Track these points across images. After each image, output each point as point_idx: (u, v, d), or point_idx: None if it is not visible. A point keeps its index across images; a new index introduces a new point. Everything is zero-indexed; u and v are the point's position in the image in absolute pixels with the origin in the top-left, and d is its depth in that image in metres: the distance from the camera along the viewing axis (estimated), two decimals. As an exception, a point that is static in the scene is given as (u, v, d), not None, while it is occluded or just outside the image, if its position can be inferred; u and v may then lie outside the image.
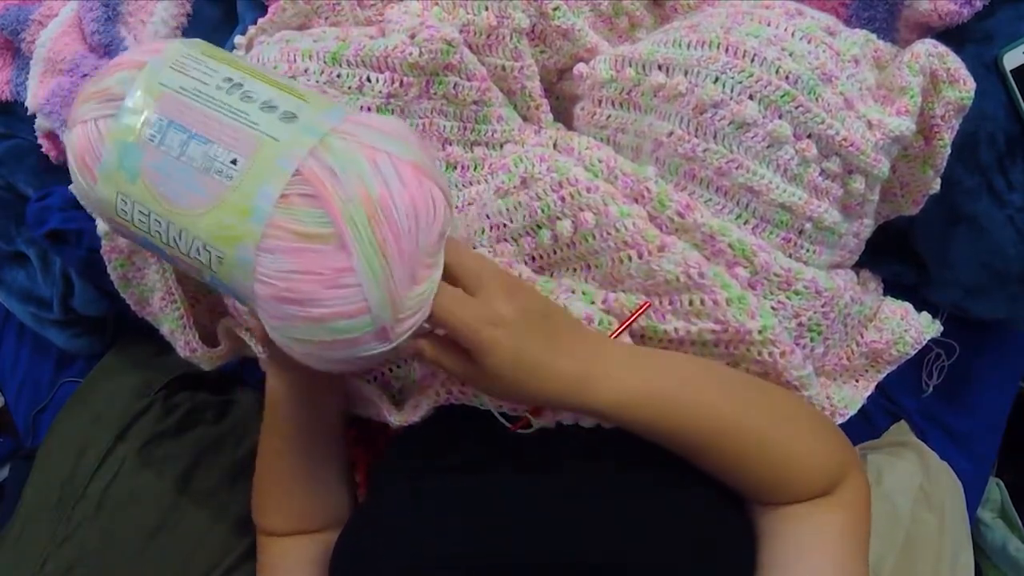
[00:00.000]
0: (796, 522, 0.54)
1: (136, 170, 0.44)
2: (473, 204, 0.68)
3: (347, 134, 0.44)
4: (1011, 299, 0.73)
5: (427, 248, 0.45)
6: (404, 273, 0.44)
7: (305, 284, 0.43)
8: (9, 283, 0.91)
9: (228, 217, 0.43)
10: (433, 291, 0.46)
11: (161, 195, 0.44)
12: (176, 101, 0.44)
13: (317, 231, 0.42)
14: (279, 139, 0.43)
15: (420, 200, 0.44)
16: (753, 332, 0.57)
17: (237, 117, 0.44)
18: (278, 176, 0.42)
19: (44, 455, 0.81)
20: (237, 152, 0.43)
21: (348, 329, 0.44)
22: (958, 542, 0.77)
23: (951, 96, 0.61)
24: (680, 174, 0.61)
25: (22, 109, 0.85)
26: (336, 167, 0.43)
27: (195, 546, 0.73)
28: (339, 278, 0.42)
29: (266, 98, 0.45)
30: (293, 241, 0.42)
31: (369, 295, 0.43)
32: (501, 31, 0.66)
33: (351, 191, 0.42)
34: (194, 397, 0.85)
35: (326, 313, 0.43)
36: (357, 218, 0.42)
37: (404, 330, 0.45)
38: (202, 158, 0.43)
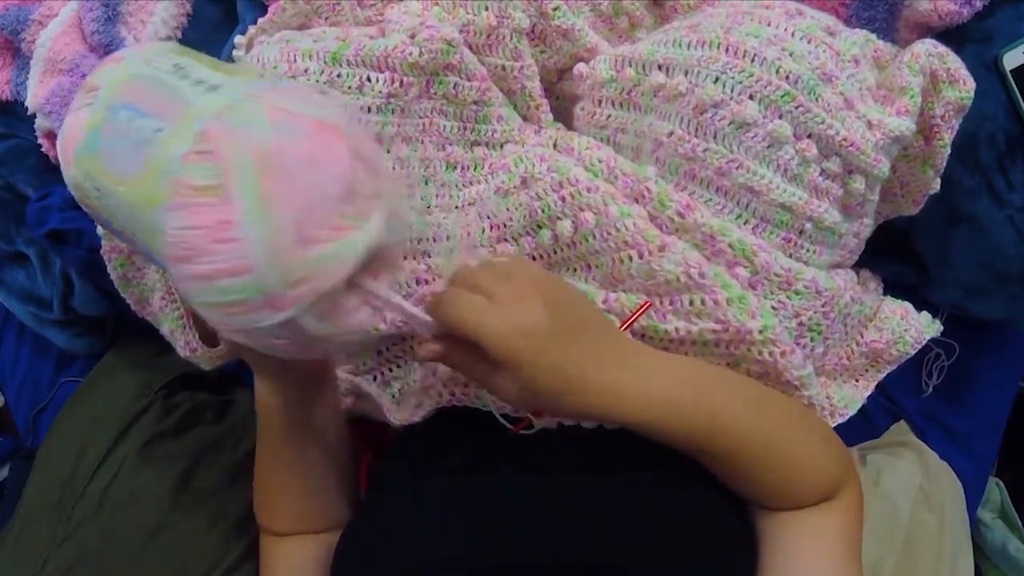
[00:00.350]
0: (796, 525, 0.55)
1: (95, 149, 0.46)
2: (473, 204, 0.68)
3: (257, 97, 0.44)
4: (1011, 299, 0.73)
5: (325, 208, 0.42)
6: (291, 229, 0.41)
7: (194, 239, 0.41)
8: (9, 283, 0.91)
9: (148, 182, 0.43)
10: (336, 257, 0.42)
11: (109, 169, 0.45)
12: (132, 87, 0.47)
13: (207, 183, 0.41)
14: (197, 105, 0.44)
15: (319, 154, 0.42)
16: (754, 332, 0.57)
17: (171, 93, 0.45)
18: (186, 137, 0.42)
19: (44, 455, 0.81)
20: (163, 121, 0.44)
21: (233, 289, 0.41)
22: (958, 542, 0.77)
23: (951, 96, 0.61)
24: (680, 174, 0.61)
25: (22, 109, 0.85)
26: (235, 124, 0.42)
27: (195, 546, 0.73)
28: (222, 231, 0.40)
29: (200, 76, 0.46)
30: (187, 196, 0.41)
31: (251, 250, 0.40)
32: (501, 31, 0.66)
33: (242, 143, 0.41)
34: (194, 397, 0.85)
35: (210, 270, 0.41)
36: (243, 168, 0.41)
37: (296, 298, 0.41)
38: (138, 131, 0.44)
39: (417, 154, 0.67)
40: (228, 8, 0.84)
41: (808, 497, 0.55)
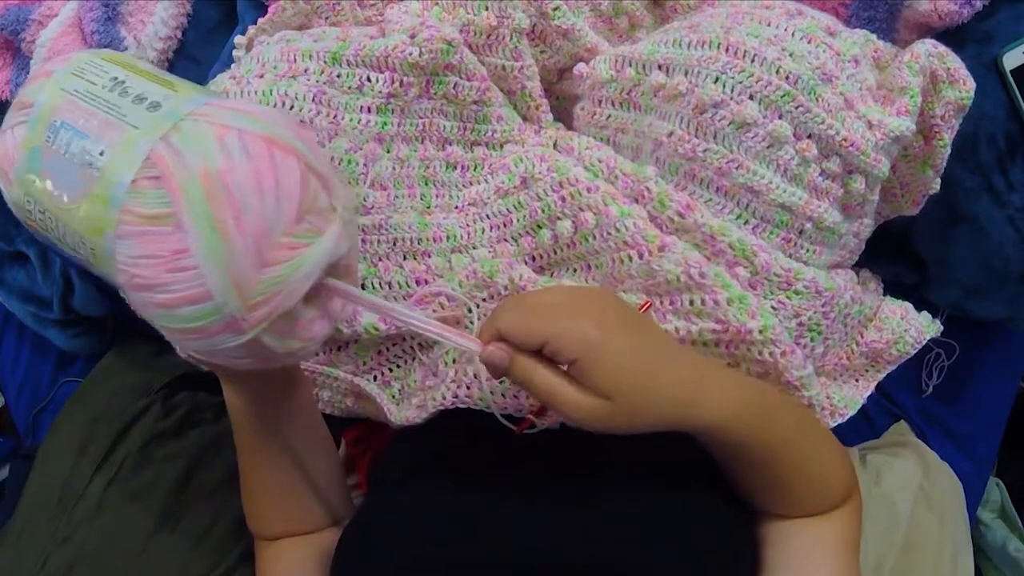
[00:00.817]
0: (802, 530, 0.55)
1: (38, 171, 0.44)
2: (474, 204, 0.68)
3: (202, 116, 0.43)
4: (1011, 299, 0.73)
5: (280, 226, 0.41)
6: (249, 253, 0.40)
7: (149, 269, 0.41)
8: (9, 283, 0.91)
9: (95, 209, 0.42)
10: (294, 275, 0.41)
11: (52, 192, 0.44)
12: (70, 103, 0.45)
13: (158, 212, 0.40)
14: (139, 127, 0.42)
15: (267, 172, 0.41)
16: (754, 332, 0.57)
17: (111, 111, 0.44)
18: (132, 162, 0.41)
19: (44, 455, 0.81)
20: (105, 144, 0.42)
21: (195, 317, 0.41)
22: (958, 542, 0.77)
23: (951, 96, 0.61)
24: (680, 174, 0.61)
25: (22, 109, 0.85)
26: (181, 147, 0.41)
27: (195, 546, 0.73)
28: (178, 260, 0.40)
29: (140, 91, 0.44)
30: (138, 225, 0.41)
31: (208, 276, 0.40)
32: (501, 31, 0.66)
33: (191, 168, 0.40)
34: (194, 397, 0.85)
35: (170, 299, 0.41)
36: (194, 194, 0.40)
37: (257, 320, 0.41)
38: (80, 153, 0.43)
39: (417, 154, 0.67)
40: (228, 8, 0.84)
41: (822, 507, 0.55)
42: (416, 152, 0.67)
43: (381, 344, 0.68)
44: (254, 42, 0.73)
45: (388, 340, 0.67)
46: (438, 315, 0.64)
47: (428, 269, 0.66)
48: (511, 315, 0.47)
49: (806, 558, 0.54)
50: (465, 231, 0.67)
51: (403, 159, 0.66)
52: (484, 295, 0.64)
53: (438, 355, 0.65)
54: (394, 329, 0.64)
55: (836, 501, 0.56)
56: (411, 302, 0.64)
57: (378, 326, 0.63)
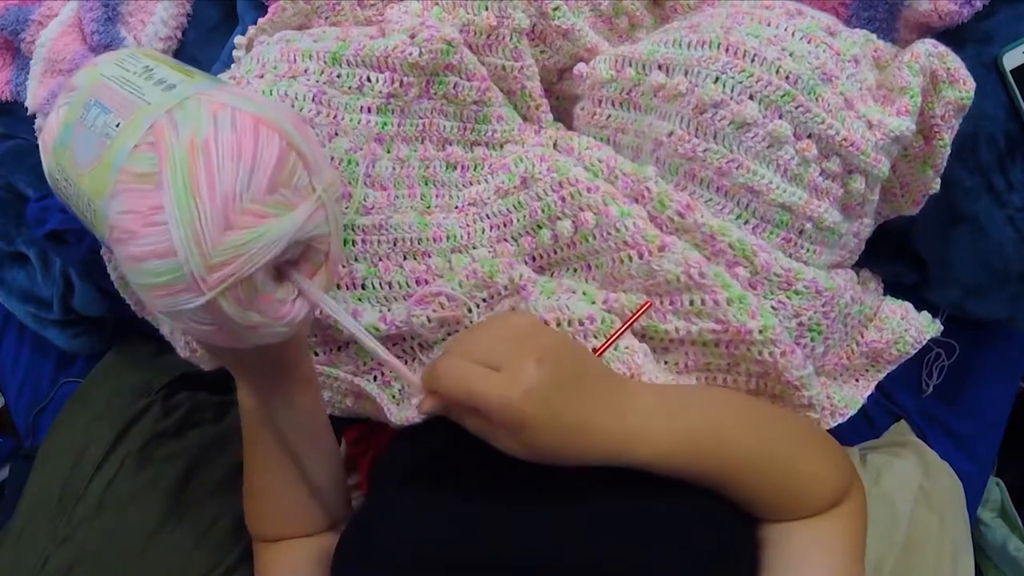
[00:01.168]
0: (800, 532, 0.55)
1: (68, 143, 0.49)
2: (474, 204, 0.68)
3: (206, 95, 0.46)
4: (1011, 299, 0.73)
5: (250, 193, 0.43)
6: (216, 216, 0.42)
7: (128, 222, 0.43)
8: (9, 283, 0.91)
9: (101, 172, 0.46)
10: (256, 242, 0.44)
11: (76, 162, 0.48)
12: (104, 86, 0.50)
13: (145, 170, 0.43)
14: (151, 103, 0.46)
15: (248, 144, 0.44)
16: (754, 332, 0.57)
17: (134, 92, 0.48)
18: (137, 131, 0.45)
19: (44, 455, 0.81)
20: (121, 117, 0.46)
21: (159, 272, 0.43)
22: (958, 542, 0.77)
23: (951, 96, 0.61)
24: (680, 174, 0.61)
25: (22, 109, 0.85)
26: (180, 119, 0.44)
27: (195, 546, 0.74)
28: (152, 215, 0.43)
29: (161, 76, 0.49)
30: (127, 183, 0.44)
31: (175, 233, 0.42)
32: (501, 31, 0.66)
33: (182, 136, 0.43)
34: (194, 397, 0.85)
35: (140, 252, 0.43)
36: (177, 157, 0.43)
37: (216, 281, 0.43)
38: (102, 126, 0.47)
39: (417, 154, 0.67)
40: (228, 8, 0.84)
41: (814, 509, 0.55)
42: (416, 152, 0.67)
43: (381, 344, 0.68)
44: (254, 42, 0.73)
45: (388, 340, 0.67)
46: (438, 315, 0.64)
47: (428, 269, 0.66)
48: (447, 368, 0.49)
49: (803, 559, 0.53)
50: (465, 231, 0.67)
51: (403, 159, 0.66)
52: (484, 295, 0.64)
53: (438, 355, 0.65)
54: (394, 329, 0.64)
55: (826, 504, 0.55)
56: (411, 302, 0.64)
57: (378, 325, 0.63)
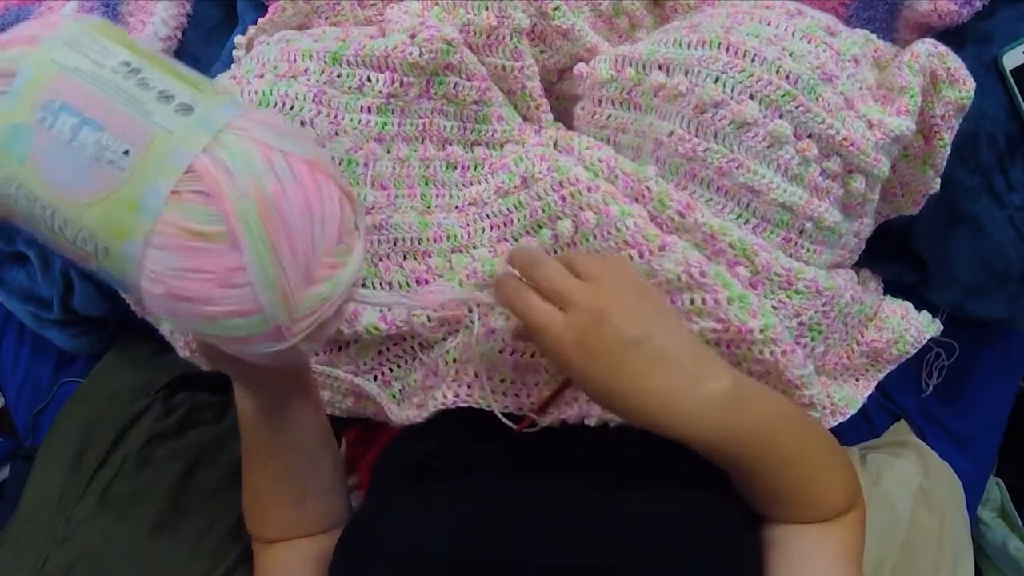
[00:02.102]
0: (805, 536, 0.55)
1: (24, 153, 0.42)
2: (474, 204, 0.68)
3: (241, 130, 0.43)
4: (1011, 299, 0.73)
5: (325, 247, 0.44)
6: (298, 272, 0.43)
7: (196, 283, 0.41)
8: (9, 283, 0.90)
9: (117, 210, 0.41)
10: (335, 292, 0.45)
11: (48, 181, 0.42)
12: (70, 82, 0.42)
13: (209, 229, 0.41)
14: (173, 131, 0.42)
15: (315, 198, 0.43)
16: (754, 331, 0.57)
17: (131, 105, 0.42)
18: (170, 171, 0.41)
19: (44, 455, 0.81)
20: (130, 143, 0.41)
21: (242, 328, 0.43)
22: (958, 542, 0.77)
23: (951, 96, 0.61)
24: (681, 174, 0.61)
25: (22, 109, 0.84)
26: (230, 164, 0.42)
27: (195, 546, 0.73)
28: (231, 277, 0.41)
29: (163, 87, 0.43)
30: (184, 239, 0.41)
31: (261, 295, 0.42)
32: (501, 31, 0.66)
33: (244, 189, 0.41)
34: (194, 397, 0.85)
35: (218, 312, 0.42)
36: (250, 216, 0.41)
37: (300, 330, 0.44)
38: (94, 146, 0.41)
39: (417, 154, 0.67)
40: (228, 8, 0.84)
41: (826, 514, 0.55)
42: (416, 152, 0.67)
43: (382, 344, 0.68)
44: (254, 42, 0.73)
45: (389, 340, 0.67)
46: (438, 315, 0.64)
47: (428, 269, 0.66)
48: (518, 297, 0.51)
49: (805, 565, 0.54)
50: (465, 231, 0.67)
51: (403, 159, 0.66)
52: (484, 295, 0.64)
53: (438, 354, 0.65)
54: (394, 329, 0.64)
55: (837, 510, 0.56)
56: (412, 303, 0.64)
57: (379, 326, 0.63)
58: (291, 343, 0.44)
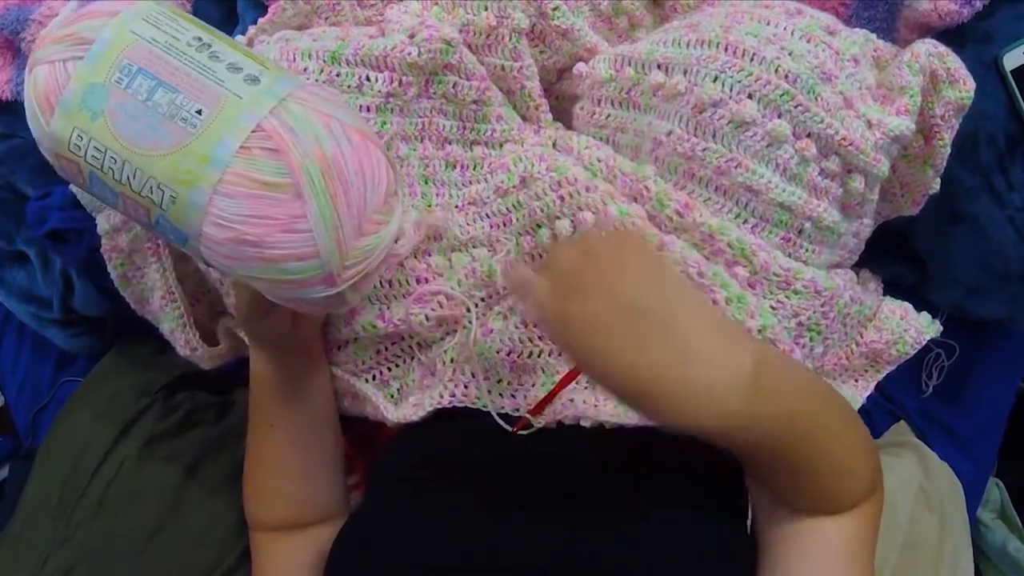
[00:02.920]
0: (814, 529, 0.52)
1: (99, 110, 0.48)
2: (473, 203, 0.68)
3: (303, 100, 0.49)
4: (1011, 299, 0.73)
5: (373, 205, 0.50)
6: (352, 224, 0.49)
7: (261, 228, 0.47)
8: (9, 283, 0.90)
9: (188, 161, 0.47)
10: (379, 245, 0.51)
11: (122, 135, 0.48)
12: (146, 50, 0.48)
13: (275, 180, 0.47)
14: (243, 97, 0.48)
15: (367, 162, 0.50)
16: (752, 331, 0.57)
17: (204, 73, 0.48)
18: (241, 129, 0.47)
19: (44, 455, 0.81)
20: (203, 104, 0.47)
21: (298, 271, 0.49)
22: (958, 543, 0.77)
23: (951, 96, 0.61)
24: (679, 173, 0.61)
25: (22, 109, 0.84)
26: (294, 126, 0.48)
27: (195, 546, 0.73)
28: (293, 224, 0.47)
29: (232, 60, 0.50)
30: (252, 188, 0.47)
31: (319, 241, 0.48)
32: (500, 31, 0.66)
33: (308, 148, 0.47)
34: (194, 397, 0.85)
35: (279, 255, 0.48)
36: (312, 172, 0.47)
37: (349, 276, 0.50)
38: (168, 105, 0.47)
39: (416, 153, 0.67)
40: (228, 8, 0.84)
41: (846, 504, 0.51)
42: (415, 151, 0.67)
43: (379, 343, 0.68)
44: (254, 42, 0.73)
45: (387, 339, 0.67)
46: (436, 314, 0.64)
47: (428, 267, 0.66)
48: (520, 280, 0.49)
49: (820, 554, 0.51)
50: (465, 230, 0.67)
51: (402, 158, 0.66)
52: (483, 294, 0.64)
53: (436, 354, 0.65)
54: (392, 328, 0.64)
55: (855, 502, 0.52)
56: (409, 301, 0.64)
57: (376, 324, 0.64)
58: (340, 288, 0.50)
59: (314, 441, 0.65)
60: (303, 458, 0.65)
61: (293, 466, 0.65)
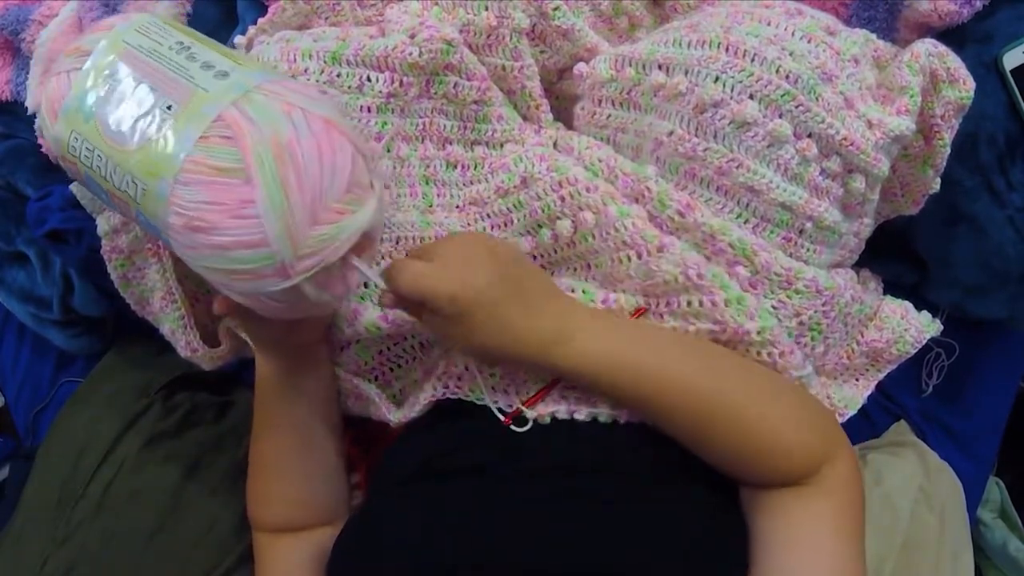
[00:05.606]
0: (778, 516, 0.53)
1: (91, 112, 0.50)
2: (474, 203, 0.68)
3: (269, 91, 0.49)
4: (1011, 299, 0.73)
5: (332, 194, 0.48)
6: (304, 212, 0.47)
7: (212, 214, 0.47)
8: (9, 283, 0.90)
9: (154, 154, 0.48)
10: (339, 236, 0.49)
11: (106, 134, 0.50)
12: (134, 56, 0.51)
13: (228, 165, 0.47)
14: (209, 91, 0.49)
15: (326, 148, 0.48)
16: (752, 333, 0.57)
17: (179, 72, 0.50)
18: (202, 119, 0.48)
19: (44, 455, 0.81)
20: (174, 100, 0.49)
21: (248, 260, 0.47)
22: (958, 542, 0.77)
23: (951, 96, 0.61)
24: (680, 173, 0.61)
25: (22, 109, 0.85)
26: (253, 114, 0.48)
27: (195, 546, 0.73)
28: (242, 209, 0.46)
29: (207, 59, 0.51)
30: (206, 174, 0.47)
31: (268, 227, 0.46)
32: (501, 31, 0.66)
33: (263, 134, 0.47)
34: (194, 397, 0.85)
35: (228, 241, 0.47)
36: (264, 156, 0.46)
37: (303, 268, 0.48)
38: (144, 103, 0.49)
39: (417, 153, 0.67)
40: (228, 8, 0.84)
41: (784, 467, 0.53)
42: (416, 151, 0.67)
43: (382, 344, 0.68)
44: (254, 42, 0.73)
45: (389, 339, 0.67)
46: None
47: (428, 268, 0.66)
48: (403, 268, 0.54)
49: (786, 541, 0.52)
50: (467, 230, 0.67)
51: (403, 158, 0.66)
52: None
53: (438, 354, 0.65)
54: (394, 328, 0.64)
55: (804, 464, 0.53)
56: None
57: (379, 325, 0.63)
58: (295, 281, 0.48)
59: (317, 444, 0.65)
60: (306, 461, 0.65)
61: (295, 469, 0.65)
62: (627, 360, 0.55)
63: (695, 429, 0.54)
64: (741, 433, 0.54)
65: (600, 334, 0.56)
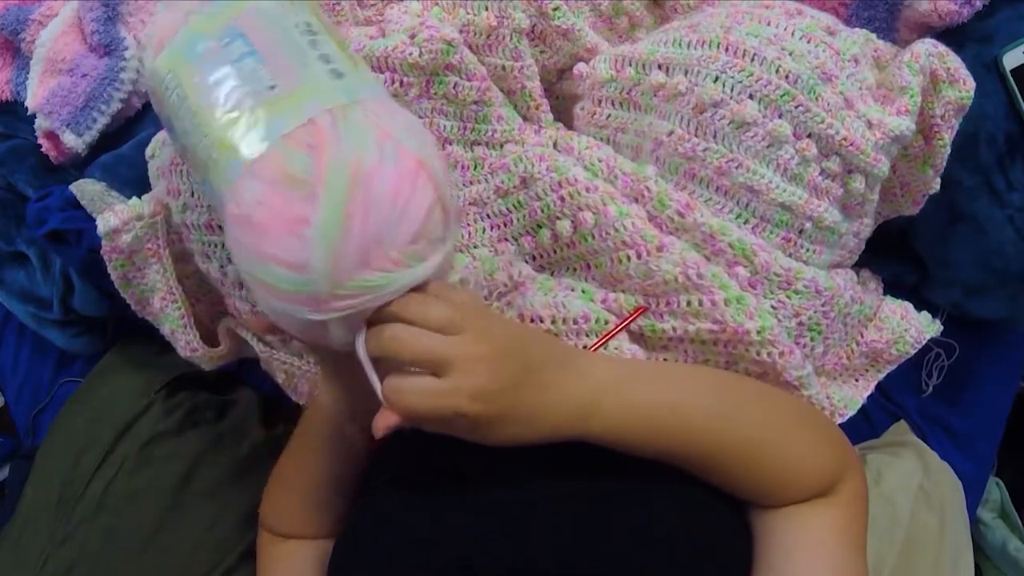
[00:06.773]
0: (787, 522, 0.54)
1: (197, 60, 0.48)
2: (474, 204, 0.68)
3: (371, 111, 0.46)
4: (1011, 299, 0.73)
5: (393, 240, 0.44)
6: (357, 251, 0.43)
7: (267, 217, 0.43)
8: (9, 283, 0.90)
9: (238, 131, 0.45)
10: (385, 288, 0.44)
11: (201, 88, 0.47)
12: (253, 19, 0.48)
13: (299, 176, 0.43)
14: (317, 86, 0.46)
15: (406, 189, 0.44)
16: (751, 333, 0.57)
17: (295, 54, 0.47)
18: (297, 115, 0.45)
19: (44, 455, 0.81)
20: (279, 82, 0.46)
21: (282, 279, 0.44)
22: (958, 542, 0.77)
23: (951, 96, 0.61)
24: (680, 173, 0.61)
25: (22, 109, 0.85)
26: (343, 130, 0.44)
27: (195, 546, 0.73)
28: (296, 226, 0.43)
29: (327, 51, 0.48)
30: (276, 175, 0.44)
31: (314, 255, 0.43)
32: (501, 31, 0.66)
33: (345, 156, 0.43)
34: (194, 397, 0.85)
35: (270, 253, 0.44)
36: (337, 180, 0.43)
37: (337, 308, 0.44)
38: (250, 74, 0.46)
39: (417, 154, 0.67)
40: (228, 8, 0.84)
41: (802, 493, 0.54)
42: (416, 152, 0.67)
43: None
44: (254, 42, 0.73)
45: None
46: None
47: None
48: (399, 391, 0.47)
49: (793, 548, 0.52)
50: (466, 230, 0.67)
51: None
52: (484, 292, 0.64)
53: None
54: None
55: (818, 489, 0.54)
56: None
57: None
58: (322, 318, 0.44)
59: (344, 476, 0.64)
60: (328, 487, 0.64)
61: (318, 494, 0.64)
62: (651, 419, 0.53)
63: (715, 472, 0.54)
64: (760, 470, 0.54)
65: (617, 396, 0.52)
